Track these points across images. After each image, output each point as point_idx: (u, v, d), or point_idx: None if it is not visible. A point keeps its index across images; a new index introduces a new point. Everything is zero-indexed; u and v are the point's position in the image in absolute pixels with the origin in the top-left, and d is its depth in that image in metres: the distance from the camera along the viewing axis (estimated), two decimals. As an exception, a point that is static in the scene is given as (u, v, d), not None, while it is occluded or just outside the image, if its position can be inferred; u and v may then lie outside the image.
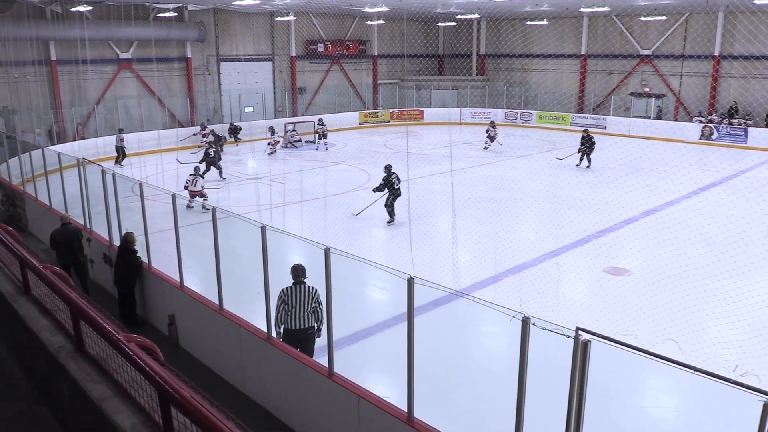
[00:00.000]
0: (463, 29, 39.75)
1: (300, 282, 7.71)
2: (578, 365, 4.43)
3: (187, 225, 9.51)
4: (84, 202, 12.47)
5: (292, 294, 7.63)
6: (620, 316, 9.34)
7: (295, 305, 7.60)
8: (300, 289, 7.66)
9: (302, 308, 7.63)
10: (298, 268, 7.80)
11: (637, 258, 12.96)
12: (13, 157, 17.89)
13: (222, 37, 32.73)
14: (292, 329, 7.65)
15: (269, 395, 7.84)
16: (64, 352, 4.45)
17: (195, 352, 9.24)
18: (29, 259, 5.28)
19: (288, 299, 7.61)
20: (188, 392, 3.11)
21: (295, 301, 7.61)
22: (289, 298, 7.61)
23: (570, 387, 4.51)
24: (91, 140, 25.75)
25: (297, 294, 7.63)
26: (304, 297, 7.64)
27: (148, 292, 10.42)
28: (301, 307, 7.62)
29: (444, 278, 10.25)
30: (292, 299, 7.61)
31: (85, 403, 3.92)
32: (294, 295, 7.62)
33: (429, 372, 7.40)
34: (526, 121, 35.86)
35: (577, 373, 4.45)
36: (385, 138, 31.42)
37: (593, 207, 16.60)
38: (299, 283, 7.70)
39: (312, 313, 7.70)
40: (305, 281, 7.75)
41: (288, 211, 15.80)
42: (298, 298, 7.62)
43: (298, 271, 7.78)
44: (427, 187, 18.76)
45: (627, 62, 34.41)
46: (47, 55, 26.87)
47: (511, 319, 4.70)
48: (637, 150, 23.33)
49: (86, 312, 4.16)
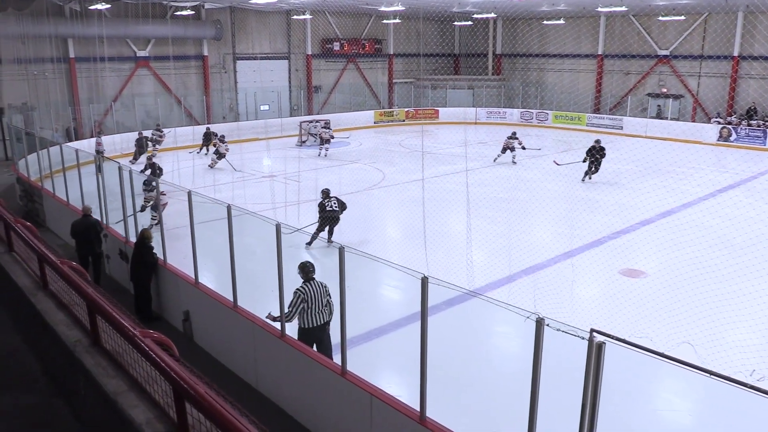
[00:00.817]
0: (479, 28, 39.63)
1: (311, 278, 7.78)
2: (592, 367, 4.40)
3: (203, 222, 9.56)
4: (101, 198, 12.59)
5: (310, 291, 7.68)
6: (635, 319, 9.27)
7: (314, 302, 7.68)
8: (313, 286, 7.73)
9: (319, 303, 7.73)
10: (307, 265, 7.86)
11: (653, 260, 12.85)
12: (32, 154, 18.10)
13: (238, 35, 32.89)
14: (311, 327, 7.69)
15: (282, 392, 7.87)
16: (80, 346, 4.50)
17: (209, 348, 9.30)
18: (47, 255, 5.34)
19: (307, 297, 7.65)
20: (202, 388, 3.13)
21: (314, 297, 7.68)
22: (308, 295, 7.66)
23: (584, 389, 4.49)
24: (108, 137, 25.96)
25: (313, 290, 7.70)
26: (317, 292, 7.73)
27: (163, 289, 10.50)
28: (318, 303, 7.72)
29: (458, 278, 10.23)
30: (310, 296, 7.66)
31: (101, 397, 3.96)
32: (311, 292, 7.68)
33: (442, 372, 7.40)
34: (542, 122, 35.69)
35: (591, 375, 4.42)
36: (400, 137, 31.41)
37: (609, 208, 16.49)
38: (310, 279, 7.77)
39: (326, 307, 7.82)
40: (314, 277, 7.85)
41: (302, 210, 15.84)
42: (314, 294, 7.69)
43: (308, 267, 7.83)
44: (441, 187, 18.73)
45: (644, 62, 34.12)
46: (66, 52, 27.17)
47: (525, 320, 4.68)
48: (654, 151, 23.12)
49: (102, 307, 4.20)
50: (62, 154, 15.51)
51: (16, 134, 20.98)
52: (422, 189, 15.41)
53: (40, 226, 15.06)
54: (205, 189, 17.83)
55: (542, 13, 33.64)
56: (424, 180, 17.90)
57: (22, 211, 17.16)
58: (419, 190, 15.25)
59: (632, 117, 32.88)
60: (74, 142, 23.51)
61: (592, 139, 22.10)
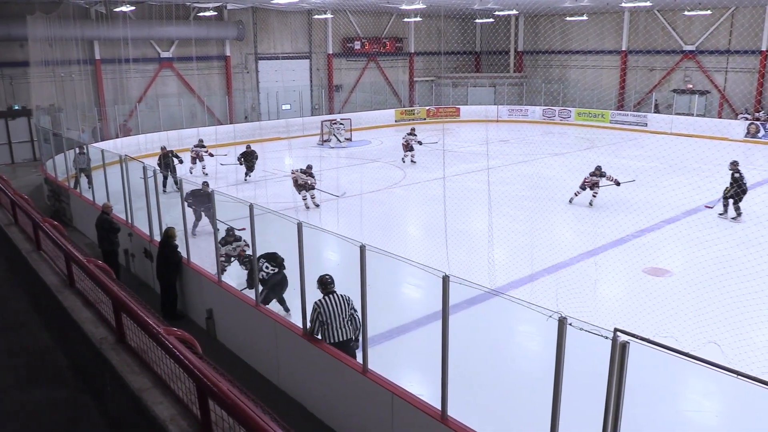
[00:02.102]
0: (500, 26, 39.39)
1: (330, 292, 7.47)
2: (616, 367, 4.36)
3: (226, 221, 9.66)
4: (126, 197, 12.76)
5: (328, 306, 7.35)
6: (660, 318, 9.15)
7: (331, 316, 7.33)
8: (333, 299, 7.40)
9: (339, 318, 7.34)
10: (326, 278, 7.57)
11: (678, 258, 12.68)
12: (59, 154, 18.39)
13: (260, 35, 33.09)
14: (331, 343, 7.36)
15: (304, 390, 7.91)
16: (106, 343, 4.57)
17: (231, 346, 9.38)
18: (74, 253, 5.43)
19: (324, 311, 7.33)
20: (225, 385, 3.16)
21: (330, 311, 7.34)
22: (325, 310, 7.34)
23: (607, 389, 4.45)
24: (133, 137, 26.31)
25: (332, 304, 7.37)
26: (338, 306, 7.37)
27: (186, 287, 10.62)
28: (338, 317, 7.34)
29: (479, 277, 10.19)
30: (326, 311, 7.34)
31: (126, 394, 4.01)
32: (328, 307, 7.35)
33: (463, 371, 7.38)
34: (565, 119, 35.38)
35: (614, 375, 4.38)
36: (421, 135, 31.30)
37: (633, 206, 16.29)
38: (330, 293, 7.46)
39: (350, 321, 7.41)
40: (335, 290, 7.56)
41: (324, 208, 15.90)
42: (333, 308, 7.35)
43: (326, 280, 7.55)
44: (462, 185, 18.67)
45: (669, 58, 33.64)
46: (92, 54, 27.58)
47: (548, 319, 4.65)
48: (680, 148, 22.80)
49: (128, 305, 4.26)
50: (88, 154, 15.75)
51: (44, 135, 21.35)
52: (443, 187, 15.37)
53: (67, 226, 15.31)
54: (227, 188, 18.01)
55: (565, 9, 33.34)
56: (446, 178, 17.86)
57: (50, 211, 17.46)
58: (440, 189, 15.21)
59: (657, 114, 32.45)
60: (100, 142, 23.85)
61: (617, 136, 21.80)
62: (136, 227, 12.49)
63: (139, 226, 12.40)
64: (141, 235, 12.11)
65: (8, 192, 8.17)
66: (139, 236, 12.18)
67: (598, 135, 30.79)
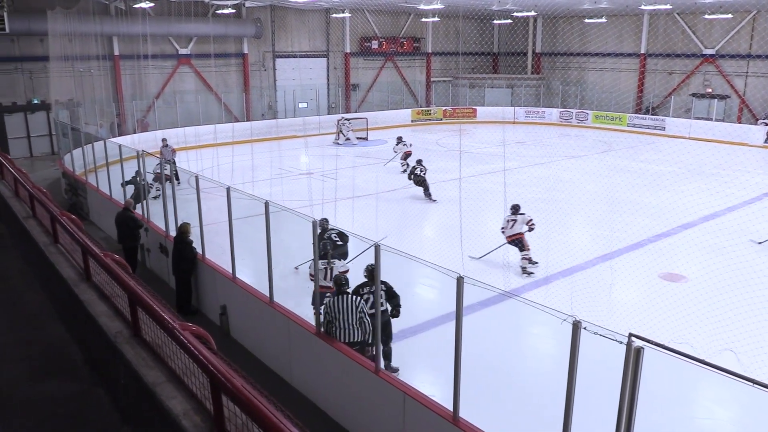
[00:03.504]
0: (518, 27, 39.24)
1: (342, 292, 7.49)
2: (630, 372, 4.33)
3: (240, 218, 9.69)
4: (143, 193, 12.85)
5: (335, 306, 7.37)
6: (675, 324, 9.06)
7: (338, 317, 7.34)
8: (342, 300, 7.38)
9: (346, 320, 7.33)
10: (340, 278, 7.64)
11: (694, 264, 12.55)
12: (77, 148, 18.57)
13: (278, 33, 33.21)
14: (342, 342, 7.39)
15: (316, 388, 7.93)
16: (121, 337, 4.61)
17: (245, 342, 9.42)
18: (91, 247, 5.48)
19: (331, 311, 7.38)
20: (239, 381, 3.17)
21: (337, 312, 7.34)
22: (332, 309, 7.38)
23: (621, 394, 4.42)
24: (150, 133, 26.51)
25: (339, 305, 7.36)
26: (346, 308, 7.34)
27: (201, 283, 10.68)
28: (345, 319, 7.33)
29: (494, 278, 10.16)
30: (333, 310, 7.37)
31: (140, 387, 4.04)
32: (335, 306, 7.36)
33: (476, 372, 7.37)
34: (582, 121, 35.15)
35: (628, 380, 4.35)
36: (438, 136, 31.30)
37: (650, 210, 16.15)
38: (341, 293, 7.48)
39: (359, 325, 7.37)
40: (348, 291, 7.60)
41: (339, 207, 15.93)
42: (340, 309, 7.34)
43: (341, 281, 7.62)
44: (478, 186, 18.61)
45: (689, 62, 33.29)
46: (111, 50, 27.82)
47: (562, 323, 4.63)
48: (698, 153, 22.57)
49: (143, 299, 4.29)
50: (106, 149, 15.89)
51: (62, 129, 21.57)
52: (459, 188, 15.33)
53: (84, 219, 15.46)
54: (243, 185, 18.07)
55: (584, 11, 33.13)
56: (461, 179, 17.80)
57: (67, 205, 17.64)
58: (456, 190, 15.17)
59: (675, 118, 32.14)
60: (118, 137, 24.06)
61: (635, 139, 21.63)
62: (152, 222, 12.59)
63: (155, 222, 12.50)
64: (157, 230, 12.21)
65: (27, 185, 8.26)
66: (154, 231, 12.28)
67: (615, 138, 30.56)
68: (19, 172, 9.19)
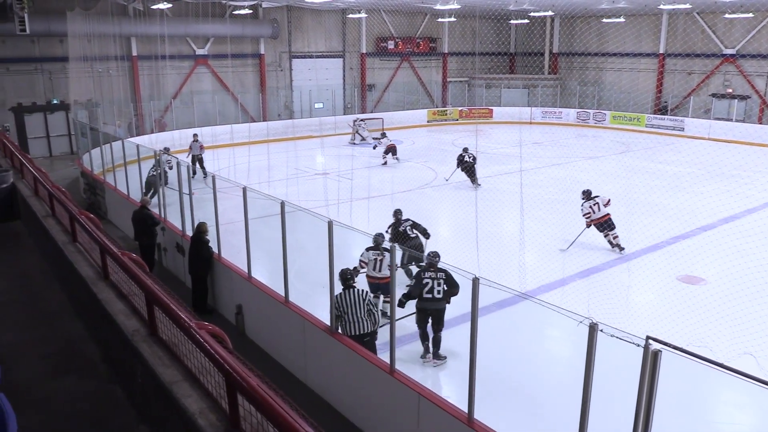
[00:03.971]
0: (535, 27, 39.04)
1: (349, 286, 7.74)
2: (647, 376, 4.29)
3: (256, 218, 9.74)
4: (160, 192, 12.96)
5: (343, 300, 7.62)
6: (694, 327, 8.96)
7: (347, 311, 7.58)
8: (350, 294, 7.66)
9: (355, 313, 7.59)
10: (345, 273, 7.85)
11: (713, 267, 12.41)
12: (96, 148, 18.77)
13: (294, 33, 33.33)
14: (351, 335, 7.61)
15: (331, 388, 7.94)
16: (138, 335, 4.65)
17: (260, 341, 9.46)
18: (109, 246, 5.54)
19: (341, 306, 7.61)
20: (255, 381, 3.19)
21: (346, 306, 7.59)
22: (341, 304, 7.61)
23: (638, 398, 4.38)
24: (167, 133, 26.73)
25: (348, 299, 7.62)
26: (355, 301, 7.62)
27: (217, 282, 10.75)
28: (354, 312, 7.59)
29: (510, 280, 10.11)
30: (343, 305, 7.61)
31: (157, 386, 4.07)
32: (345, 301, 7.61)
33: (491, 374, 7.34)
34: (599, 122, 34.90)
35: (645, 383, 4.31)
36: (454, 136, 31.22)
37: (668, 212, 16.00)
38: (349, 287, 7.73)
39: (368, 316, 7.66)
40: (355, 285, 7.80)
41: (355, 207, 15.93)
42: (350, 303, 7.61)
43: (346, 275, 7.82)
44: (494, 187, 18.55)
45: (709, 62, 32.92)
46: (129, 50, 28.10)
47: (578, 325, 4.60)
48: (718, 154, 22.31)
49: (160, 298, 4.33)
50: (124, 149, 16.04)
51: (81, 129, 21.81)
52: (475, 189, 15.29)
53: (102, 218, 15.63)
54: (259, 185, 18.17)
55: (601, 11, 32.89)
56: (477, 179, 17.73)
57: (85, 204, 17.83)
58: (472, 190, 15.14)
59: (695, 118, 31.81)
60: (135, 137, 24.28)
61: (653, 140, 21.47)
62: (169, 221, 12.69)
63: (172, 221, 12.59)
64: (173, 229, 12.30)
65: (46, 184, 8.37)
66: (171, 230, 12.37)
67: (633, 139, 30.30)
68: (38, 171, 9.31)
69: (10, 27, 22.71)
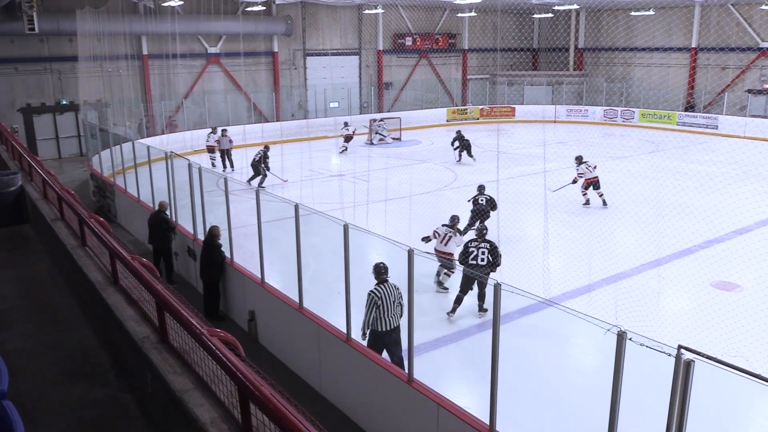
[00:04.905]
0: (560, 21, 38.84)
1: (385, 280, 7.88)
2: (680, 387, 4.25)
3: (270, 221, 9.79)
4: (170, 195, 13.07)
5: (384, 294, 7.77)
6: (729, 336, 8.85)
7: (387, 305, 7.76)
8: (386, 287, 7.82)
9: (391, 307, 7.80)
10: (380, 266, 7.96)
11: (749, 272, 12.23)
12: (105, 149, 18.98)
13: (309, 31, 33.48)
14: (383, 330, 7.79)
15: (346, 397, 7.95)
16: (148, 342, 4.69)
17: (273, 349, 9.50)
18: (119, 250, 5.59)
19: (381, 300, 7.75)
20: (268, 389, 3.20)
21: (387, 300, 7.77)
22: (381, 299, 7.75)
23: (669, 410, 4.33)
24: (179, 134, 26.95)
25: (387, 293, 7.79)
26: (392, 295, 7.80)
27: (229, 287, 10.81)
28: (390, 306, 7.79)
29: (533, 285, 10.04)
30: (384, 299, 7.76)
31: (167, 394, 4.10)
32: (385, 295, 7.78)
33: (513, 383, 7.30)
34: (627, 120, 34.62)
35: (678, 395, 4.27)
36: (474, 136, 31.08)
37: (701, 214, 15.80)
38: (384, 281, 7.87)
39: (397, 308, 7.87)
40: (388, 279, 7.92)
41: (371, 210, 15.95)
42: (389, 297, 7.78)
43: (381, 269, 7.94)
44: (517, 188, 18.47)
45: (744, 56, 32.50)
46: (139, 49, 28.41)
47: (606, 333, 4.56)
48: (754, 153, 22.01)
49: (171, 304, 4.36)
50: (134, 150, 16.20)
51: (91, 130, 22.07)
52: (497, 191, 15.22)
53: (111, 222, 15.79)
54: (273, 187, 18.28)
55: (629, 3, 32.65)
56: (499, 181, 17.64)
57: (95, 207, 18.04)
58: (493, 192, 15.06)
59: (729, 116, 31.43)
60: (146, 138, 24.53)
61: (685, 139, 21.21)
62: (180, 225, 12.79)
63: (183, 224, 12.69)
64: (185, 233, 12.39)
65: (55, 187, 8.47)
66: (182, 234, 12.47)
67: (663, 138, 30.02)
68: (47, 173, 9.43)
69: (19, 26, 23.09)
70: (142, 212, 14.17)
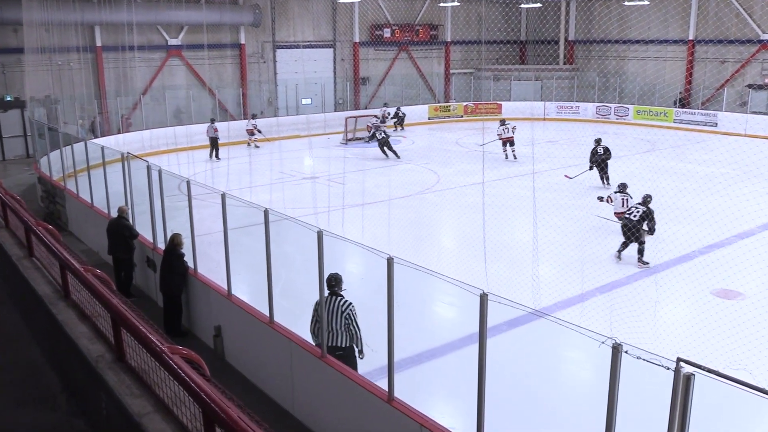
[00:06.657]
0: (549, 11, 39.21)
1: (333, 293, 7.80)
2: (679, 402, 4.29)
3: (237, 228, 9.75)
4: (128, 200, 12.94)
5: (322, 306, 7.69)
6: (731, 347, 8.97)
7: (323, 318, 7.66)
8: (331, 302, 7.73)
9: (330, 323, 7.67)
10: (331, 278, 7.86)
11: (752, 279, 12.41)
12: (55, 150, 18.75)
13: (279, 21, 33.44)
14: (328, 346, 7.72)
15: (321, 418, 7.92)
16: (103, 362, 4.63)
17: (241, 367, 9.44)
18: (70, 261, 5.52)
19: (319, 309, 7.71)
20: (235, 412, 3.18)
21: (323, 313, 7.66)
22: (320, 309, 7.69)
23: (668, 426, 4.38)
24: (136, 133, 26.72)
25: (326, 306, 7.69)
26: (333, 310, 7.69)
27: (193, 300, 10.72)
28: (330, 323, 7.67)
29: (522, 295, 10.09)
30: (321, 310, 7.68)
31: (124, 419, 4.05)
32: (323, 307, 7.68)
33: (502, 400, 7.32)
34: (621, 117, 35.05)
35: (677, 410, 4.31)
36: (458, 135, 31.32)
37: (700, 218, 16.00)
38: (333, 294, 7.79)
39: (345, 330, 7.74)
40: (341, 294, 7.84)
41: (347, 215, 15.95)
42: (327, 310, 7.67)
43: (332, 280, 7.85)
44: (504, 191, 18.58)
45: (744, 49, 33.06)
46: (92, 40, 28.16)
47: (600, 345, 4.60)
48: (756, 152, 22.37)
49: (128, 320, 4.31)
50: (87, 151, 16.02)
51: (39, 129, 21.79)
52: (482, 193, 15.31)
53: (62, 230, 15.59)
54: (240, 191, 18.17)
55: (623, -7, 33.06)
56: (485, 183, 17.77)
57: (43, 213, 17.80)
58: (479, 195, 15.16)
59: (729, 112, 31.93)
60: (100, 138, 24.28)
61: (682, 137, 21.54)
62: (139, 233, 12.66)
63: (142, 232, 12.56)
64: (144, 242, 12.27)
65: (-1, 192, 8.34)
66: (141, 243, 12.34)
67: (659, 136, 30.41)
68: (-10, 177, 9.29)
69: (-44, 15, 22.76)
70: (96, 219, 14.01)
